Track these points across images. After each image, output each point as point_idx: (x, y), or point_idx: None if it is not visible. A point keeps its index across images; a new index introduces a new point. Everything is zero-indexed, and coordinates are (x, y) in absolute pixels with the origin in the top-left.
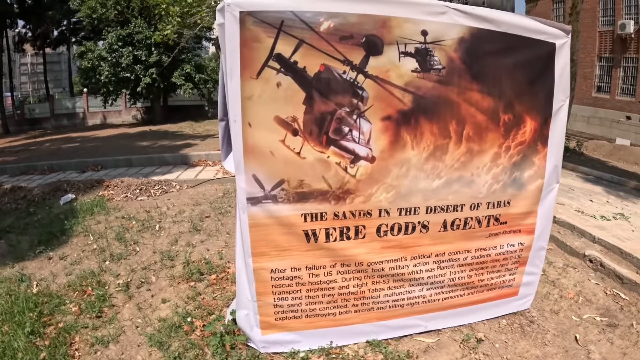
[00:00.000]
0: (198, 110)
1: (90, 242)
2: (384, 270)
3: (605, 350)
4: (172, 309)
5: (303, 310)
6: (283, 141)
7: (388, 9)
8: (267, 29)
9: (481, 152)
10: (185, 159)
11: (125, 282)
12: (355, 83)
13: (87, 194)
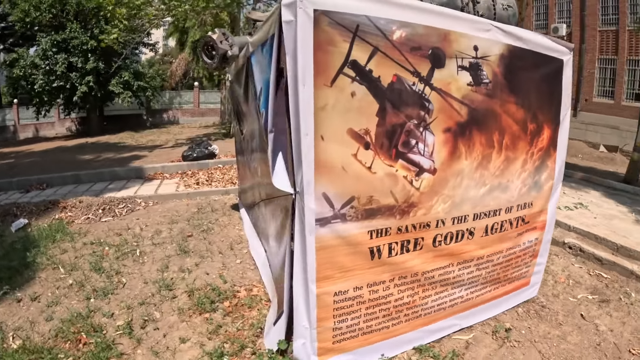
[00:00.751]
0: (136, 120)
1: (62, 276)
2: (434, 278)
3: (607, 322)
4: (197, 349)
5: (360, 328)
6: (355, 155)
7: (448, 22)
8: (342, 32)
9: (515, 159)
10: (140, 172)
11: (125, 322)
12: (423, 95)
13: (41, 218)
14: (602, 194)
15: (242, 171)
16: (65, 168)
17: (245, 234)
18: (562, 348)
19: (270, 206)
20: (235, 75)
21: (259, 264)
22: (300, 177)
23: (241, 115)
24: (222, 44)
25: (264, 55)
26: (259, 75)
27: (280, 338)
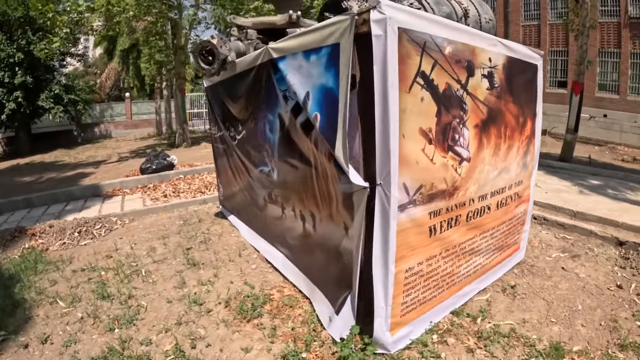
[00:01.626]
0: (67, 136)
1: (66, 310)
2: (465, 248)
3: (583, 271)
4: (266, 354)
5: (418, 300)
6: (423, 150)
7: (475, 40)
8: (415, 47)
9: (513, 146)
10: (97, 189)
11: (172, 346)
12: (462, 99)
13: (9, 249)
14: (544, 172)
15: (228, 177)
16: (10, 192)
17: (247, 241)
18: (558, 294)
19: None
20: (230, 81)
21: (279, 266)
22: (388, 170)
23: (232, 121)
24: (222, 49)
25: (315, 61)
26: (303, 80)
27: (350, 324)
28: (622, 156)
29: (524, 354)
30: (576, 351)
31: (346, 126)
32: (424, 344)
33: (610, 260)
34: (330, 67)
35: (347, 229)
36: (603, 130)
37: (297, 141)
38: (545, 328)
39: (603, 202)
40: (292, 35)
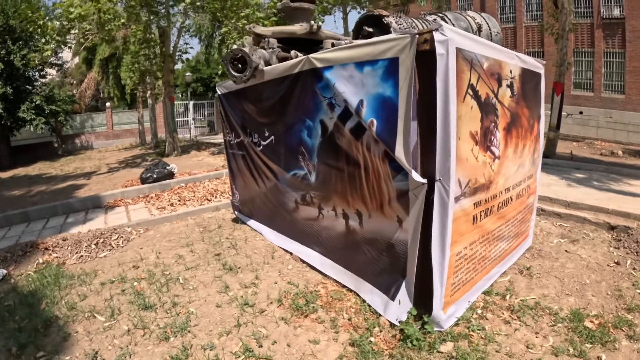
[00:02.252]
0: (47, 149)
1: (108, 324)
2: (495, 235)
3: (584, 252)
4: (335, 344)
5: (462, 281)
6: (471, 150)
7: (501, 55)
8: (466, 64)
9: (526, 145)
10: (97, 201)
11: (240, 347)
12: (495, 106)
13: (22, 265)
14: None
15: (246, 183)
16: (2, 206)
17: (274, 243)
18: (567, 272)
19: (348, 207)
20: (256, 88)
21: (316, 264)
22: (447, 167)
23: (257, 127)
24: (254, 57)
25: (370, 72)
26: (356, 89)
27: (407, 308)
28: (600, 150)
29: (551, 321)
30: (593, 315)
31: (408, 131)
32: (467, 320)
33: (604, 243)
34: (387, 78)
35: (401, 222)
36: (580, 127)
37: (343, 145)
38: (563, 300)
39: (590, 192)
40: (340, 47)
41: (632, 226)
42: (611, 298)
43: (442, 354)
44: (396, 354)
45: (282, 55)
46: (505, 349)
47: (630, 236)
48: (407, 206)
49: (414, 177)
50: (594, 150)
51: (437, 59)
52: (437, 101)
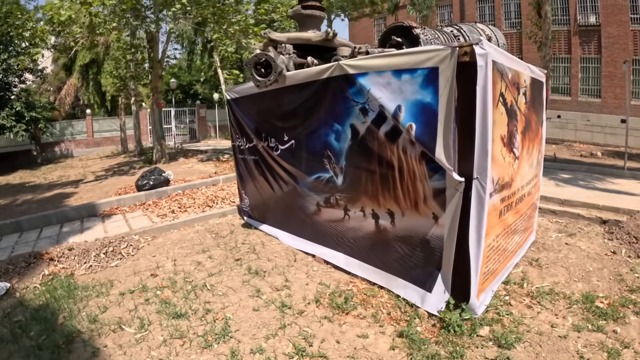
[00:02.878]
0: (26, 157)
1: (139, 336)
2: (512, 229)
3: (582, 244)
4: (384, 337)
5: (490, 271)
6: (501, 151)
7: (519, 66)
8: (498, 75)
9: (534, 146)
10: (92, 209)
11: (292, 349)
12: (516, 112)
13: (26, 277)
14: None
15: (259, 188)
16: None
17: (293, 247)
18: (571, 261)
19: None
20: (276, 93)
21: (341, 264)
22: (485, 166)
23: (274, 131)
24: (279, 61)
25: (408, 79)
26: (393, 95)
27: (444, 298)
28: (580, 152)
29: (567, 304)
30: (601, 297)
31: (449, 134)
32: (495, 307)
33: (599, 235)
34: (427, 86)
35: (437, 219)
36: (558, 130)
37: (375, 148)
38: (573, 285)
39: (578, 191)
40: (376, 55)
41: (622, 219)
42: (614, 282)
43: (482, 337)
44: (442, 340)
45: (299, 61)
46: (534, 329)
47: (621, 228)
48: (444, 203)
49: (454, 176)
50: (574, 152)
51: (478, 70)
52: (476, 107)
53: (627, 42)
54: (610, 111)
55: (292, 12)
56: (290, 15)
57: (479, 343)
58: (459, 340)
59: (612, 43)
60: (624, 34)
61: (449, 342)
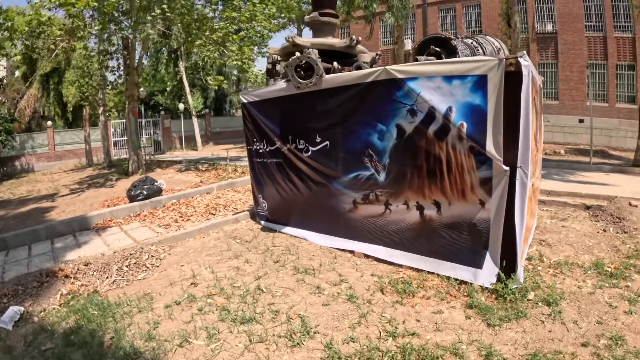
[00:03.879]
0: None
1: (215, 346)
2: (532, 211)
3: (576, 225)
4: (461, 311)
5: (522, 247)
6: (532, 145)
7: (536, 74)
8: (533, 82)
9: (541, 142)
10: (83, 222)
11: (384, 333)
12: (537, 112)
13: (41, 298)
14: None
15: (282, 191)
16: None
17: (326, 245)
18: (572, 240)
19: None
20: (311, 95)
21: (383, 256)
22: (527, 157)
23: (304, 133)
24: (320, 64)
25: (458, 84)
26: (444, 98)
27: (495, 272)
28: (544, 151)
29: (582, 271)
30: (607, 263)
31: (499, 131)
32: (530, 278)
33: (586, 219)
34: (476, 90)
35: (484, 204)
36: None
37: (423, 145)
38: (581, 257)
39: (557, 184)
40: (426, 63)
41: (603, 204)
42: (612, 252)
43: (531, 300)
44: (502, 307)
45: (325, 66)
46: (567, 290)
47: (604, 211)
48: (490, 190)
49: (502, 166)
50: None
51: (523, 79)
52: (520, 109)
53: (582, 48)
54: (568, 112)
55: (309, 19)
56: (307, 22)
57: (532, 304)
58: (515, 305)
59: (568, 49)
60: (579, 40)
61: (510, 307)
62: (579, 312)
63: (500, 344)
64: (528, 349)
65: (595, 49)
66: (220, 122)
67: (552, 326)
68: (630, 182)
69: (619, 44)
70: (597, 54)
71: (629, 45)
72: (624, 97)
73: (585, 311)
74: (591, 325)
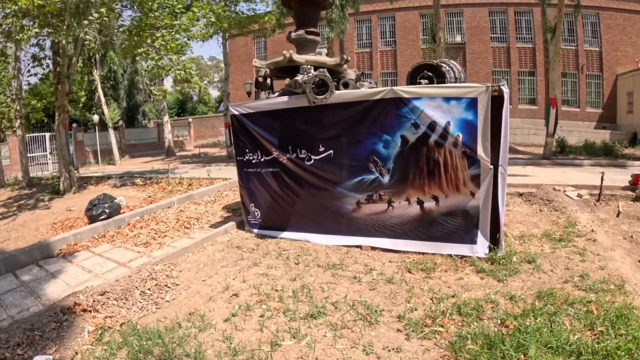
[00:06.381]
0: None
1: (305, 343)
2: None
3: (517, 208)
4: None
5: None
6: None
7: None
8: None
9: None
10: (45, 249)
11: (433, 299)
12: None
13: (66, 340)
14: None
15: (279, 198)
16: None
17: (329, 244)
18: (520, 219)
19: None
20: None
21: (388, 246)
22: (505, 158)
23: (306, 143)
24: (332, 82)
25: (455, 104)
26: (443, 115)
27: (486, 245)
28: None
29: (539, 239)
30: (553, 232)
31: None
32: (507, 247)
33: (523, 203)
34: (469, 109)
35: (474, 194)
36: None
37: (424, 152)
38: (533, 230)
39: None
40: (429, 86)
41: (532, 191)
42: (553, 225)
43: (515, 262)
44: (499, 269)
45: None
46: (537, 252)
47: (535, 197)
48: (479, 183)
49: (488, 165)
50: None
51: (504, 102)
52: (502, 122)
53: (488, 57)
54: None
55: (295, 36)
56: (293, 39)
57: (518, 264)
58: (506, 267)
59: (475, 58)
60: (484, 50)
61: (504, 268)
62: (551, 264)
63: (513, 290)
64: (533, 290)
65: (500, 58)
66: (134, 133)
67: (539, 275)
68: (545, 172)
69: (521, 53)
70: (501, 62)
71: (530, 54)
72: (526, 99)
73: (555, 263)
74: (563, 271)
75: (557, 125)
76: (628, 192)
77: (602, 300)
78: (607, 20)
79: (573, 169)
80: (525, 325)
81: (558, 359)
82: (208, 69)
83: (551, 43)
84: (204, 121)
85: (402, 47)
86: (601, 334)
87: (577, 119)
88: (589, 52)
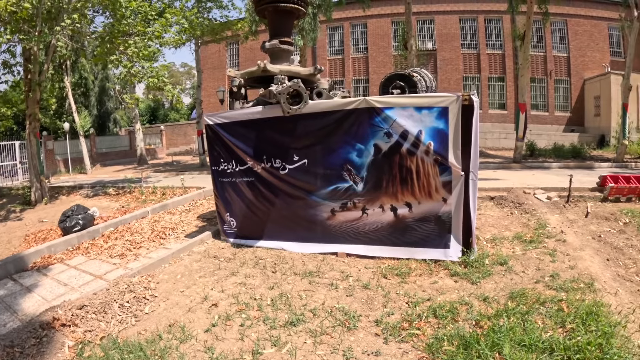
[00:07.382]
0: None
1: (286, 350)
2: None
3: (489, 212)
4: (446, 280)
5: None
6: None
7: None
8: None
9: None
10: (19, 263)
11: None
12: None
13: (46, 356)
14: None
15: (255, 208)
16: None
17: (305, 252)
18: (492, 222)
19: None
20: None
21: (362, 252)
22: (476, 164)
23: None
24: (306, 93)
25: (426, 114)
26: (415, 124)
27: (459, 249)
28: None
29: (510, 241)
30: (524, 234)
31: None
32: (479, 250)
33: (494, 206)
34: (440, 118)
35: (446, 200)
36: None
37: (397, 160)
38: (504, 233)
39: None
40: (401, 96)
41: (504, 195)
42: (524, 227)
43: (488, 264)
44: (472, 271)
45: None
46: (508, 254)
47: (506, 200)
48: (450, 190)
49: (460, 172)
50: None
51: (474, 110)
52: (472, 130)
53: (458, 63)
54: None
55: (269, 46)
56: (267, 49)
57: (490, 266)
58: (478, 270)
59: (446, 64)
60: (455, 56)
61: (477, 270)
62: (522, 266)
63: (486, 292)
64: (505, 291)
65: (470, 64)
66: (105, 142)
67: (511, 276)
68: (515, 176)
69: (491, 59)
70: (472, 68)
71: (500, 60)
72: (496, 104)
73: (526, 264)
74: (534, 271)
75: (526, 129)
76: (596, 193)
77: (572, 298)
78: (574, 27)
79: (543, 171)
80: (499, 325)
81: (531, 356)
82: (180, 75)
83: (520, 50)
84: (176, 129)
85: (374, 54)
86: (572, 330)
87: (546, 123)
88: (557, 57)
